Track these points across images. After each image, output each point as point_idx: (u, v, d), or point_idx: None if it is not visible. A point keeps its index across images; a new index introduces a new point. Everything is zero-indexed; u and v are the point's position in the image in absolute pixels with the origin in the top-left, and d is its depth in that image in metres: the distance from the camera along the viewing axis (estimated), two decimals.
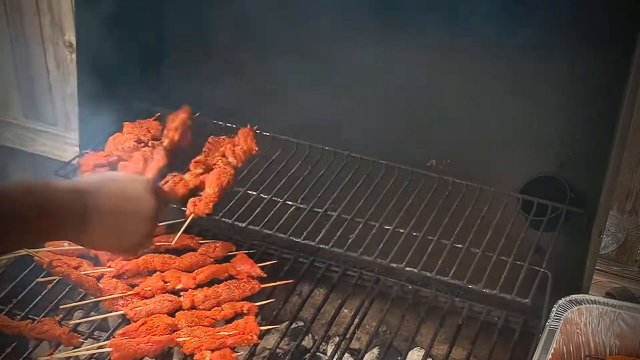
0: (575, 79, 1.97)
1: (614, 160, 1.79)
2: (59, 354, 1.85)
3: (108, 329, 1.96)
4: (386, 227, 1.98)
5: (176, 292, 2.00)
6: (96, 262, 2.07)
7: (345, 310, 2.14)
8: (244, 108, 2.28)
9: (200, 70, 2.30)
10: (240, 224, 1.99)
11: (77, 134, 2.45)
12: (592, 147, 1.96)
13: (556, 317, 1.74)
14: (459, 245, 1.92)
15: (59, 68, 2.77)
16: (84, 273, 1.98)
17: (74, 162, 2.21)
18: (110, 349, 1.79)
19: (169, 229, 2.16)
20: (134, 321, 1.89)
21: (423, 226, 1.97)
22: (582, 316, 1.77)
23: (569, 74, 1.97)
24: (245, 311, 1.97)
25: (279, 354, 1.99)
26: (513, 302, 1.82)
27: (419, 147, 2.18)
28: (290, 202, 2.05)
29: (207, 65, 2.29)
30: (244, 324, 1.91)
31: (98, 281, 1.99)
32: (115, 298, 1.96)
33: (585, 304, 1.78)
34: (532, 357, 1.66)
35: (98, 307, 2.00)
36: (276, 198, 2.06)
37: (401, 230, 1.97)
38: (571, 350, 1.77)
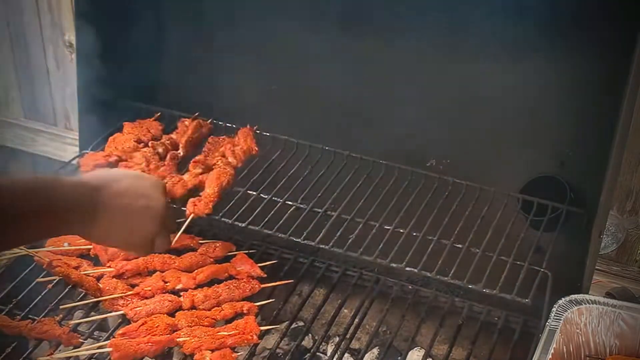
0: (575, 79, 1.97)
1: (614, 160, 1.79)
2: (59, 354, 1.84)
3: (108, 329, 1.96)
4: (386, 227, 1.97)
5: (176, 292, 1.99)
6: (96, 262, 2.07)
7: (345, 310, 2.14)
8: (244, 108, 2.28)
9: (200, 70, 2.30)
10: (240, 224, 1.99)
11: (77, 134, 2.45)
12: (592, 147, 1.96)
13: (556, 317, 1.74)
14: (459, 245, 1.92)
15: (59, 68, 2.77)
16: (84, 273, 1.98)
17: (74, 162, 2.21)
18: (110, 349, 1.79)
19: None
20: (134, 321, 1.89)
21: (423, 226, 1.97)
22: (582, 316, 1.77)
23: (569, 74, 1.97)
24: (245, 311, 1.97)
25: (279, 354, 1.99)
26: (513, 302, 1.82)
27: (419, 147, 2.18)
28: (290, 202, 2.04)
29: (207, 65, 2.29)
30: (244, 324, 1.91)
31: (98, 281, 1.98)
32: (115, 298, 1.96)
33: (585, 304, 1.78)
34: (532, 357, 1.66)
35: (98, 307, 2.00)
36: (276, 198, 2.06)
37: (401, 230, 1.97)
38: (571, 350, 1.77)
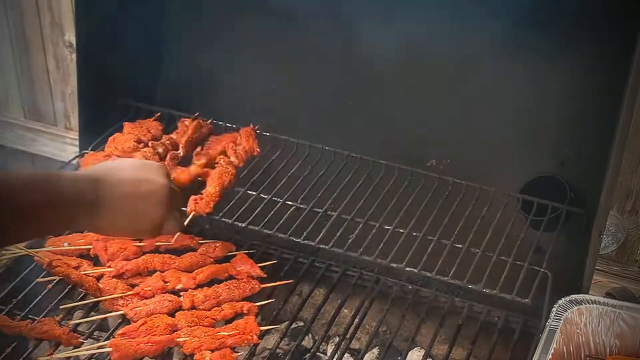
0: (575, 79, 1.97)
1: (614, 160, 1.79)
2: (59, 354, 1.84)
3: (108, 329, 1.96)
4: (386, 227, 1.98)
5: (176, 292, 1.99)
6: (96, 262, 2.07)
7: (345, 310, 2.14)
8: (244, 108, 2.28)
9: (200, 70, 2.30)
10: (240, 224, 1.99)
11: (77, 134, 2.45)
12: (592, 147, 1.96)
13: (556, 317, 1.74)
14: (459, 245, 1.92)
15: (59, 68, 2.78)
16: (84, 273, 1.98)
17: (74, 162, 2.21)
18: (110, 349, 1.79)
19: None
20: (134, 321, 1.89)
21: (423, 226, 1.97)
22: (582, 316, 1.77)
23: (569, 74, 1.97)
24: (245, 311, 1.97)
25: (279, 354, 1.99)
26: (513, 302, 1.82)
27: (419, 147, 2.18)
28: (290, 202, 2.05)
29: (208, 64, 2.29)
30: (244, 324, 1.91)
31: (98, 281, 1.98)
32: (115, 298, 1.95)
33: (585, 304, 1.78)
34: (532, 357, 1.66)
35: (98, 307, 2.00)
36: (276, 198, 2.06)
37: (401, 230, 1.97)
38: (571, 350, 1.77)
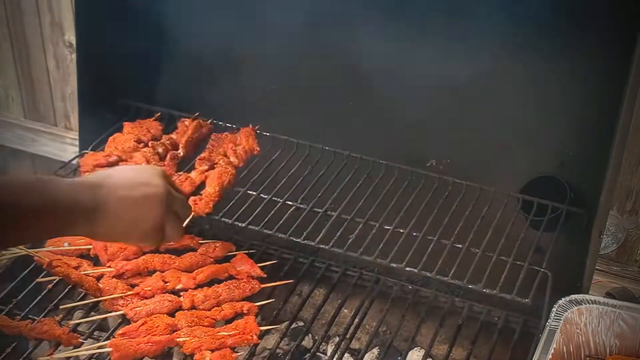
0: (575, 79, 1.97)
1: (614, 160, 1.79)
2: (59, 354, 1.84)
3: (108, 329, 1.96)
4: (386, 227, 1.98)
5: (176, 292, 1.99)
6: (96, 262, 2.07)
7: (345, 310, 2.14)
8: (244, 108, 2.28)
9: (200, 69, 2.30)
10: (240, 224, 1.99)
11: (77, 134, 2.45)
12: (592, 147, 1.96)
13: (556, 317, 1.74)
14: (459, 245, 1.92)
15: (59, 68, 2.78)
16: (84, 273, 1.98)
17: (74, 162, 2.21)
18: (110, 349, 1.79)
19: None
20: (134, 321, 1.89)
21: (423, 226, 1.97)
22: (582, 316, 1.77)
23: (569, 74, 1.96)
24: (245, 311, 1.97)
25: (279, 354, 1.99)
26: (513, 302, 1.82)
27: (419, 147, 2.18)
28: (290, 202, 2.05)
29: (207, 64, 2.29)
30: (244, 324, 1.91)
31: (98, 281, 1.98)
32: (115, 298, 1.95)
33: (585, 304, 1.78)
34: (532, 357, 1.66)
35: (98, 307, 2.00)
36: (276, 198, 2.06)
37: (401, 230, 1.97)
38: (571, 350, 1.77)
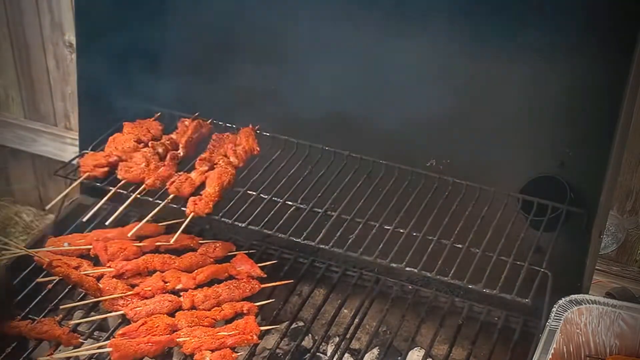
0: (575, 79, 1.97)
1: (614, 160, 1.79)
2: (59, 354, 1.84)
3: (108, 329, 1.96)
4: (386, 227, 1.98)
5: (176, 292, 1.99)
6: (96, 262, 2.07)
7: (345, 310, 2.14)
8: (244, 108, 2.28)
9: (200, 70, 2.30)
10: (240, 224, 1.99)
11: (77, 134, 2.45)
12: (592, 147, 1.96)
13: (556, 317, 1.74)
14: (459, 245, 1.92)
15: (59, 68, 2.78)
16: (84, 273, 1.98)
17: (74, 162, 2.21)
18: (110, 349, 1.79)
19: (169, 229, 2.16)
20: (134, 321, 1.89)
21: (423, 226, 1.97)
22: (582, 316, 1.77)
23: (569, 74, 1.97)
24: (245, 311, 1.97)
25: (279, 354, 1.99)
26: (513, 302, 1.83)
27: (419, 147, 2.18)
28: (290, 202, 2.05)
29: (207, 65, 2.29)
30: (244, 324, 1.91)
31: (98, 281, 1.98)
32: (115, 298, 1.96)
33: (585, 304, 1.78)
34: (532, 357, 1.66)
35: (98, 307, 2.00)
36: (276, 198, 2.06)
37: (401, 230, 1.97)
38: (571, 350, 1.77)
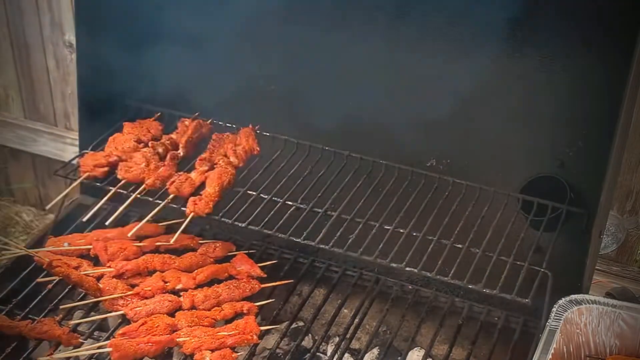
0: (575, 79, 1.97)
1: (614, 160, 1.79)
2: (59, 354, 1.84)
3: (108, 329, 1.96)
4: (386, 227, 1.98)
5: (176, 292, 1.99)
6: (96, 262, 2.07)
7: (345, 310, 2.14)
8: (244, 108, 2.28)
9: (200, 70, 2.30)
10: (240, 224, 1.98)
11: (77, 134, 2.45)
12: (592, 147, 1.96)
13: (556, 317, 1.74)
14: (459, 245, 1.92)
15: (59, 68, 2.78)
16: (84, 273, 1.98)
17: (74, 162, 2.21)
18: (110, 349, 1.79)
19: (169, 229, 2.16)
20: (134, 321, 1.89)
21: (423, 226, 1.97)
22: (582, 316, 1.77)
23: (569, 74, 1.97)
24: (245, 311, 1.97)
25: (279, 354, 1.99)
26: (513, 302, 1.83)
27: (419, 147, 2.18)
28: (290, 202, 2.05)
29: (207, 65, 2.29)
30: (244, 324, 1.91)
31: (98, 281, 1.98)
32: (115, 298, 1.96)
33: (585, 304, 1.78)
34: (532, 357, 1.66)
35: (98, 307, 2.00)
36: (276, 198, 2.06)
37: (401, 230, 1.97)
38: (571, 350, 1.77)
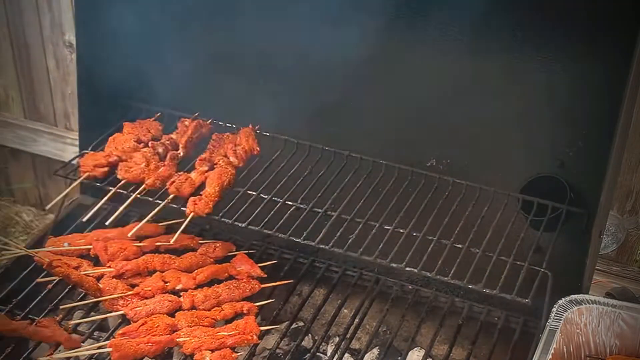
0: (575, 79, 1.97)
1: (614, 160, 1.79)
2: (59, 354, 1.84)
3: (108, 329, 1.96)
4: (386, 227, 1.98)
5: (176, 292, 1.99)
6: (96, 262, 2.07)
7: (345, 310, 2.14)
8: (244, 108, 2.28)
9: (200, 70, 2.30)
10: (240, 224, 1.99)
11: (77, 134, 2.45)
12: (592, 147, 1.96)
13: (556, 317, 1.74)
14: (459, 245, 1.92)
15: (59, 68, 2.78)
16: (84, 273, 1.98)
17: (74, 162, 2.21)
18: (110, 349, 1.79)
19: (169, 229, 2.16)
20: (134, 321, 1.89)
21: (423, 226, 1.97)
22: (582, 316, 1.77)
23: (569, 74, 1.97)
24: (245, 311, 1.97)
25: (279, 354, 1.99)
26: (513, 302, 1.83)
27: (419, 147, 2.18)
28: (290, 202, 2.05)
29: (207, 65, 2.29)
30: (244, 324, 1.91)
31: (98, 281, 1.98)
32: (115, 298, 1.95)
33: (585, 304, 1.78)
34: (532, 357, 1.66)
35: (98, 307, 2.00)
36: (276, 198, 2.06)
37: (401, 230, 1.97)
38: (571, 350, 1.77)
